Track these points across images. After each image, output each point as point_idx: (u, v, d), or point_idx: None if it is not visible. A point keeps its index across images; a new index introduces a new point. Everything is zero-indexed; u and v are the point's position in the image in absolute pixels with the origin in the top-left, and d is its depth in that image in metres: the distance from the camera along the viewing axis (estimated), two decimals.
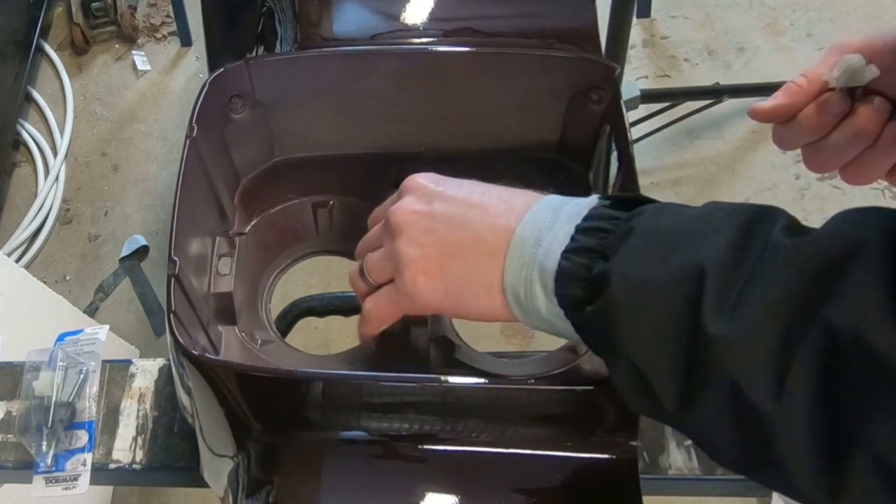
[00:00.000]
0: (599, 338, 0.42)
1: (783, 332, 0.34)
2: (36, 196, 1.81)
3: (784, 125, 0.44)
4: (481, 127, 0.69)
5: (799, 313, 0.34)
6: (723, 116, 1.78)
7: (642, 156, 1.74)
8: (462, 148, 0.71)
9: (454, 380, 0.47)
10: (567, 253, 0.42)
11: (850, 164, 0.43)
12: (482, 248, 0.46)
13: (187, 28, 2.00)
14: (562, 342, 0.62)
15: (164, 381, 0.65)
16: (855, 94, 0.42)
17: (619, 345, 0.40)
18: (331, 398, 0.50)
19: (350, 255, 0.71)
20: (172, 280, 0.52)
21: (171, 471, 0.62)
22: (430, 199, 0.48)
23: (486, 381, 0.48)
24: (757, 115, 0.44)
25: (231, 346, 0.62)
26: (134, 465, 0.61)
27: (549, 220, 0.44)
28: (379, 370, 0.59)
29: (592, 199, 0.45)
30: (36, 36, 1.96)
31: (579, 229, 0.43)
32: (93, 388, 0.64)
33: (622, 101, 0.63)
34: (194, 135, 0.59)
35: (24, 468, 0.62)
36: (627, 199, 0.44)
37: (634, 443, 0.49)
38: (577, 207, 0.44)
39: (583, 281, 0.41)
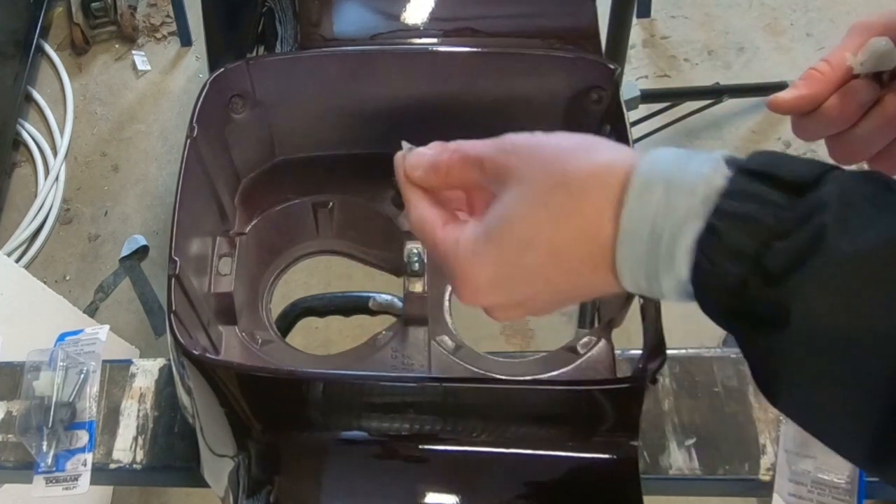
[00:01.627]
0: (760, 365, 0.33)
1: None
2: (36, 196, 1.81)
3: (806, 116, 0.40)
4: (481, 127, 0.69)
5: None
6: (723, 116, 1.78)
7: None
8: None
9: (454, 380, 0.47)
10: (707, 247, 0.31)
11: (880, 154, 0.39)
12: (585, 292, 0.39)
13: (187, 28, 2.00)
14: (562, 342, 0.62)
15: (165, 381, 0.65)
16: (882, 79, 0.38)
17: (792, 396, 0.32)
18: (331, 398, 0.50)
19: (350, 255, 0.71)
20: (173, 280, 0.52)
21: (171, 471, 0.62)
22: (507, 309, 0.40)
23: (486, 381, 0.48)
24: (777, 107, 0.40)
25: (231, 346, 0.62)
26: (134, 465, 0.61)
27: (661, 199, 0.33)
28: (380, 370, 0.59)
29: (718, 163, 0.33)
30: (36, 36, 1.96)
31: (722, 213, 0.31)
32: (93, 388, 0.64)
33: (622, 101, 0.63)
34: (194, 135, 0.59)
35: (24, 468, 0.62)
36: (783, 174, 0.32)
37: (635, 443, 0.49)
38: (698, 175, 0.32)
39: (736, 296, 0.31)
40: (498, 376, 0.59)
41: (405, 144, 0.43)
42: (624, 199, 0.34)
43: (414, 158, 0.42)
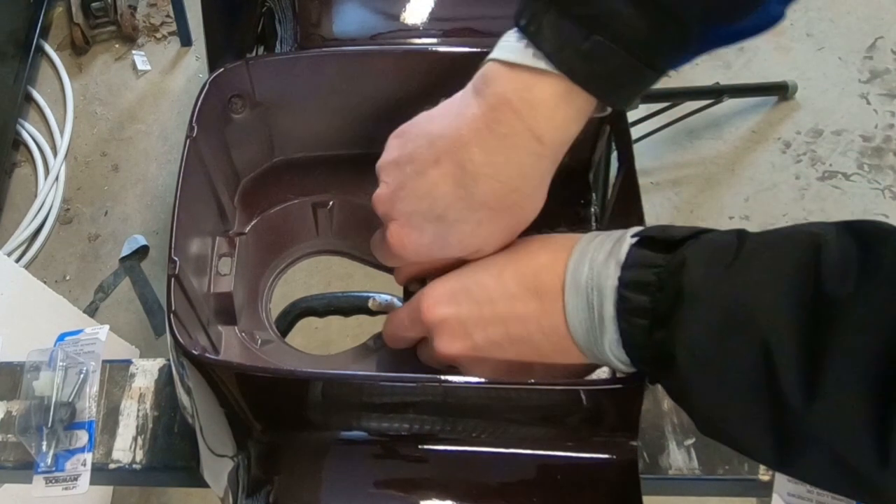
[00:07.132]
0: (678, 398, 0.42)
1: (876, 401, 0.32)
2: (36, 196, 1.81)
3: None
4: None
5: (889, 379, 0.32)
6: (723, 116, 1.78)
7: (642, 156, 1.74)
8: None
9: (454, 380, 0.47)
10: (623, 314, 0.40)
11: None
12: (545, 350, 0.46)
13: (187, 28, 2.00)
14: None
15: (165, 381, 0.65)
16: None
17: (702, 415, 0.39)
18: (331, 398, 0.50)
19: (350, 255, 0.71)
20: (172, 280, 0.52)
21: (171, 471, 0.62)
22: (464, 332, 0.48)
23: (486, 380, 0.48)
24: None
25: (231, 346, 0.62)
26: (134, 465, 0.61)
27: (588, 276, 0.42)
28: (379, 370, 0.59)
29: (624, 238, 0.42)
30: (36, 36, 1.96)
31: (624, 283, 0.40)
32: (93, 388, 0.64)
33: None
34: (194, 135, 0.59)
35: (24, 468, 0.62)
36: (660, 238, 0.41)
37: (634, 443, 0.49)
38: (606, 247, 0.42)
39: (647, 348, 0.40)
40: None
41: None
42: (564, 297, 0.43)
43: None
